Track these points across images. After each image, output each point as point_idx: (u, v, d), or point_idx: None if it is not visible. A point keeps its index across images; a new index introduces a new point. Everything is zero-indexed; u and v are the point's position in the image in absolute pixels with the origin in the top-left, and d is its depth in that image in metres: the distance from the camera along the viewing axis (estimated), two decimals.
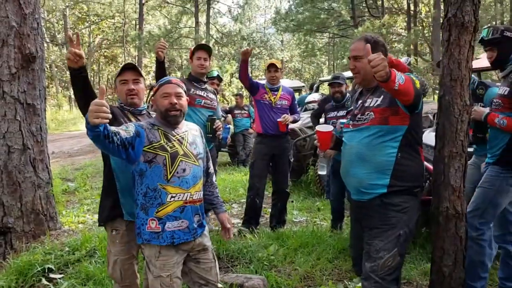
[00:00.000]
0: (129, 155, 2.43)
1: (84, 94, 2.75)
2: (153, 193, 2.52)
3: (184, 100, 2.68)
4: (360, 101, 2.74)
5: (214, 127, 4.30)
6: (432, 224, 2.93)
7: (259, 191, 5.25)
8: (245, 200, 5.55)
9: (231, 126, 11.05)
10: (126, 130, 2.42)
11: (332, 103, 5.39)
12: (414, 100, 2.41)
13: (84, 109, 2.68)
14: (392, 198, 2.55)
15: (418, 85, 2.40)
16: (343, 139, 2.82)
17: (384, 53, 2.67)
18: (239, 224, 5.45)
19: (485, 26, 3.60)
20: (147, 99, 11.52)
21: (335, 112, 5.26)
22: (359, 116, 2.65)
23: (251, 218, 5.28)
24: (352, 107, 2.82)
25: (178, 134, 2.65)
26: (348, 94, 5.29)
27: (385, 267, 2.51)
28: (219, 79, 5.65)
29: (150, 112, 3.10)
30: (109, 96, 28.72)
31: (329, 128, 2.91)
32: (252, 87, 5.18)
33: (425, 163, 2.87)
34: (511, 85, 3.41)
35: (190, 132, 2.74)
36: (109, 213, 2.82)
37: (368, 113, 2.59)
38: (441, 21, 2.83)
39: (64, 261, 4.05)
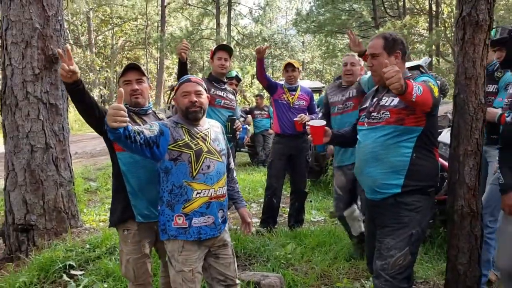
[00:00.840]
0: (154, 153, 2.48)
1: (84, 106, 2.70)
2: (179, 190, 2.56)
3: (204, 98, 2.72)
4: (375, 99, 2.72)
5: (234, 127, 4.34)
6: (448, 222, 2.91)
7: (276, 191, 5.26)
8: (263, 200, 5.57)
9: (250, 127, 11.08)
10: (150, 129, 2.48)
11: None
12: (432, 109, 2.43)
13: (87, 117, 2.71)
14: (405, 198, 2.55)
15: (436, 93, 2.39)
16: (358, 136, 2.81)
17: (402, 51, 2.67)
18: (257, 224, 5.47)
19: (494, 26, 3.57)
20: (168, 100, 11.67)
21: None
22: (374, 114, 2.63)
23: (268, 217, 5.30)
24: (367, 104, 2.80)
25: (201, 132, 2.69)
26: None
27: (396, 266, 2.50)
28: (238, 79, 5.69)
29: (156, 112, 3.12)
30: None
31: (322, 122, 2.91)
32: (270, 87, 5.19)
33: (441, 160, 2.86)
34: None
35: (212, 129, 2.78)
36: (120, 215, 2.85)
37: (383, 112, 2.57)
38: (456, 20, 2.81)
39: (85, 258, 4.13)
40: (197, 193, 2.56)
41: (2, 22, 4.69)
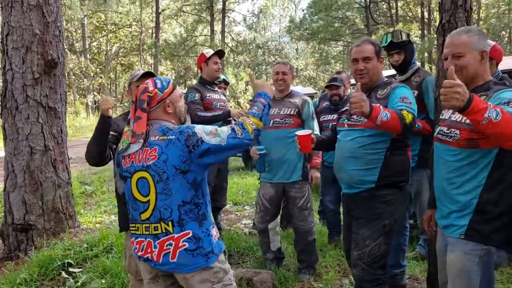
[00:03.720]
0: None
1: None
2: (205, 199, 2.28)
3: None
4: None
5: None
6: None
7: None
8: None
9: None
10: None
11: (328, 103, 5.05)
12: (403, 136, 2.65)
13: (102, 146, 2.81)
14: (378, 191, 2.74)
15: (408, 121, 2.50)
16: (338, 136, 2.98)
17: (382, 56, 2.86)
18: (251, 225, 5.62)
19: (386, 32, 3.80)
20: None
21: (330, 115, 4.91)
22: (354, 117, 2.79)
23: None
24: (347, 107, 2.93)
25: None
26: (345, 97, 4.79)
27: (372, 255, 2.70)
28: (226, 82, 5.89)
29: None
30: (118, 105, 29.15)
31: (308, 132, 3.03)
32: None
33: None
34: (419, 87, 3.67)
35: None
36: (126, 221, 2.81)
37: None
38: (437, 27, 3.00)
39: (83, 256, 4.26)
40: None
41: (3, 28, 4.84)
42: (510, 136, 1.87)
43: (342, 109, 3.07)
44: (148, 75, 2.99)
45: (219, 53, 4.72)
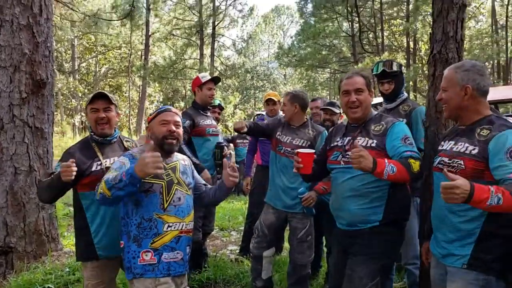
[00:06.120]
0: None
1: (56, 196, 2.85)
2: (148, 224, 2.48)
3: (181, 130, 2.71)
4: (348, 138, 2.79)
5: (223, 153, 4.41)
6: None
7: (257, 219, 5.33)
8: (243, 227, 5.64)
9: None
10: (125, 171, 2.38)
11: None
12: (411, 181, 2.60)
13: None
14: (381, 228, 2.64)
15: (416, 168, 2.45)
16: (332, 174, 2.88)
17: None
18: (237, 251, 5.53)
19: (378, 60, 3.85)
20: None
21: None
22: (350, 153, 2.64)
23: (248, 245, 5.33)
24: (338, 141, 2.86)
25: (171, 162, 2.67)
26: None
27: None
28: (221, 108, 5.86)
29: (124, 139, 3.07)
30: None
31: (311, 150, 2.93)
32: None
33: None
34: (407, 116, 3.63)
35: (180, 162, 2.74)
36: (83, 253, 2.86)
37: None
38: (428, 58, 3.04)
39: (64, 281, 4.15)
40: (168, 226, 2.50)
41: None
42: None
43: (332, 145, 2.92)
44: (101, 97, 2.87)
45: (215, 79, 4.68)
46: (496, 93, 6.98)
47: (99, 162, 2.81)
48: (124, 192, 2.31)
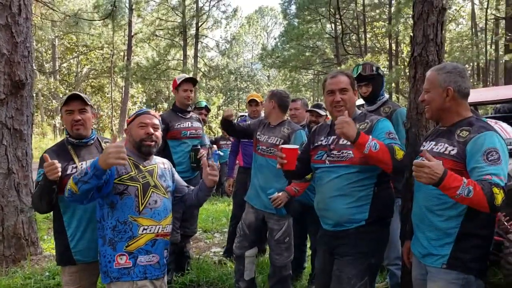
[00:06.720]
0: (102, 193, 2.44)
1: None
2: (123, 226, 2.46)
3: (159, 133, 2.69)
4: (333, 136, 2.77)
5: (198, 157, 4.40)
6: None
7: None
8: (227, 229, 5.62)
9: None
10: None
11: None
12: (394, 173, 2.56)
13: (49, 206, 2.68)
14: (367, 227, 2.64)
15: (399, 156, 2.46)
16: (316, 174, 2.86)
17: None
18: (221, 253, 5.51)
19: (357, 64, 3.89)
20: None
21: None
22: (335, 152, 2.70)
23: (232, 247, 5.33)
24: (322, 140, 2.85)
25: (149, 165, 2.66)
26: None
27: None
28: (207, 109, 5.86)
29: (103, 140, 3.01)
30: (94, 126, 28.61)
31: (294, 146, 2.88)
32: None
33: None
34: (388, 118, 3.56)
35: (158, 165, 2.73)
36: (61, 257, 2.81)
37: (346, 151, 2.64)
38: (409, 60, 3.07)
39: (44, 285, 4.09)
40: (144, 229, 2.48)
41: None
42: (482, 207, 1.99)
43: (316, 144, 2.89)
44: (75, 98, 2.80)
45: (192, 80, 4.64)
46: (476, 95, 7.08)
47: (74, 165, 2.75)
48: (89, 185, 2.27)
